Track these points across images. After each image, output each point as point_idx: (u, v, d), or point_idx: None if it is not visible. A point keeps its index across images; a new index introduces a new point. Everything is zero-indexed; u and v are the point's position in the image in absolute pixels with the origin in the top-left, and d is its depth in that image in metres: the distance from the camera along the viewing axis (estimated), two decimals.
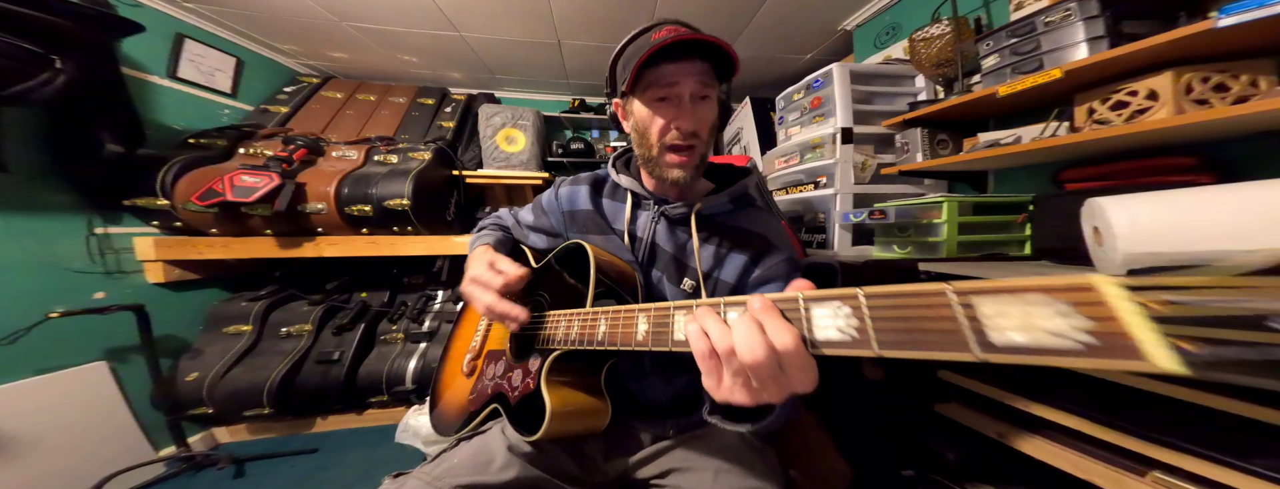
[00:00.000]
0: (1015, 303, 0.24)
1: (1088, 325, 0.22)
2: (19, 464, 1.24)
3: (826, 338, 0.32)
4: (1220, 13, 0.71)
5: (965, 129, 1.39)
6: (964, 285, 0.26)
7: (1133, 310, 0.21)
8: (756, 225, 0.74)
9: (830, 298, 0.32)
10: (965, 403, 1.01)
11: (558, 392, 0.60)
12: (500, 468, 0.64)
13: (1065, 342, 0.22)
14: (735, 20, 2.10)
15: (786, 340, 0.33)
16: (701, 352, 0.38)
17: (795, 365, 0.34)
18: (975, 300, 0.25)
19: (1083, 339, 0.22)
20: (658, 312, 0.45)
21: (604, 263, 0.66)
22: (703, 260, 0.71)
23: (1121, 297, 0.21)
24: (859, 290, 0.31)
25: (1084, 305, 0.22)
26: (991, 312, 0.25)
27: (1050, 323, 0.23)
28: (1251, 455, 0.61)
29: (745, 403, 0.38)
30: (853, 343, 0.30)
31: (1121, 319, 0.21)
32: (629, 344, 0.48)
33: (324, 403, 1.72)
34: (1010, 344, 0.24)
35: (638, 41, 0.64)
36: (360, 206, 1.72)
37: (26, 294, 1.34)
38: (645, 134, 0.66)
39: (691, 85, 0.62)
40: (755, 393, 0.37)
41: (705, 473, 0.65)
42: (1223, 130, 0.84)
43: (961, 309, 0.26)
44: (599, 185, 0.83)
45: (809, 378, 0.35)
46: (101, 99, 1.45)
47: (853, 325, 0.30)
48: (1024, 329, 0.23)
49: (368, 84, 2.68)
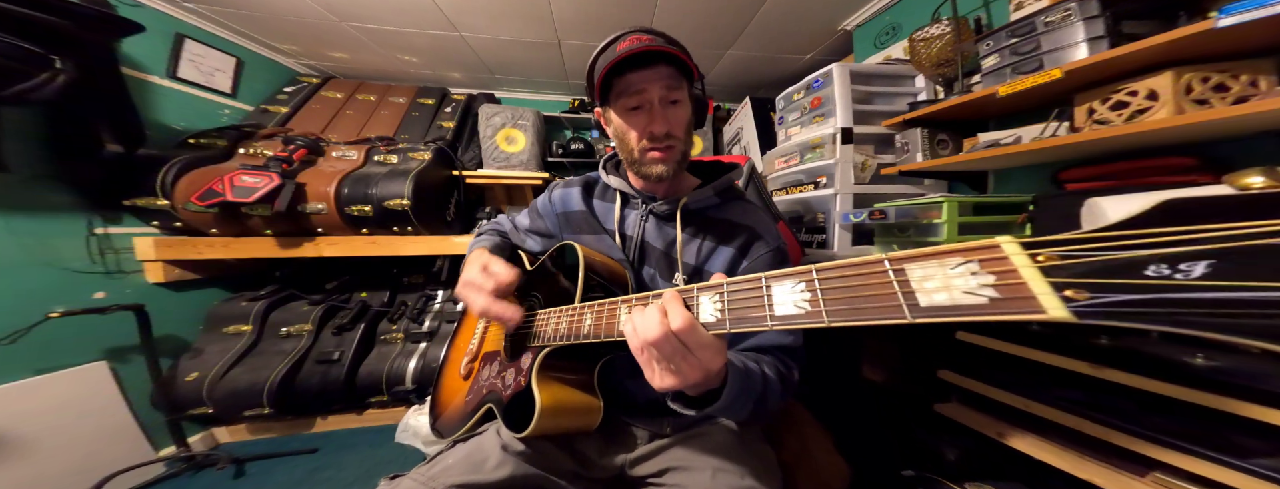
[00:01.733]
0: (937, 266, 0.26)
1: (992, 281, 0.23)
2: (19, 464, 1.24)
3: (784, 313, 0.34)
4: (1220, 13, 0.71)
5: (965, 129, 1.39)
6: (896, 254, 0.28)
7: (1026, 264, 0.22)
8: (743, 217, 0.75)
9: (790, 276, 0.34)
10: (965, 403, 1.01)
11: (548, 388, 0.61)
12: (494, 467, 0.64)
13: (976, 298, 0.24)
14: (735, 20, 2.09)
15: (680, 323, 0.39)
16: (633, 346, 0.44)
17: (697, 344, 0.40)
18: (906, 266, 0.27)
19: (989, 295, 0.23)
20: (638, 301, 0.49)
21: (593, 262, 0.67)
22: (691, 254, 0.72)
23: (1018, 253, 0.23)
24: (813, 267, 0.33)
25: (989, 262, 0.24)
26: (919, 276, 0.26)
27: (964, 281, 0.24)
28: (1251, 455, 0.61)
29: (674, 386, 0.44)
30: (806, 315, 0.32)
31: (1018, 273, 0.22)
32: (612, 335, 0.51)
33: (324, 403, 1.72)
34: (934, 305, 0.25)
35: (605, 52, 0.66)
36: (360, 206, 1.72)
37: (26, 294, 1.34)
38: (624, 140, 0.69)
39: (659, 90, 0.64)
40: (676, 374, 0.43)
41: (702, 472, 0.65)
42: (1223, 130, 0.84)
43: (894, 276, 0.28)
44: (590, 187, 0.85)
45: (713, 356, 0.42)
46: (101, 99, 1.45)
47: (806, 299, 0.32)
48: (945, 290, 0.25)
49: (368, 84, 2.68)
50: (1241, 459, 0.61)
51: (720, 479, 0.63)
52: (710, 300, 0.40)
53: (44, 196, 1.40)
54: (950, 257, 0.25)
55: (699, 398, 0.51)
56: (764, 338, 0.68)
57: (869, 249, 1.47)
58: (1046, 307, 0.21)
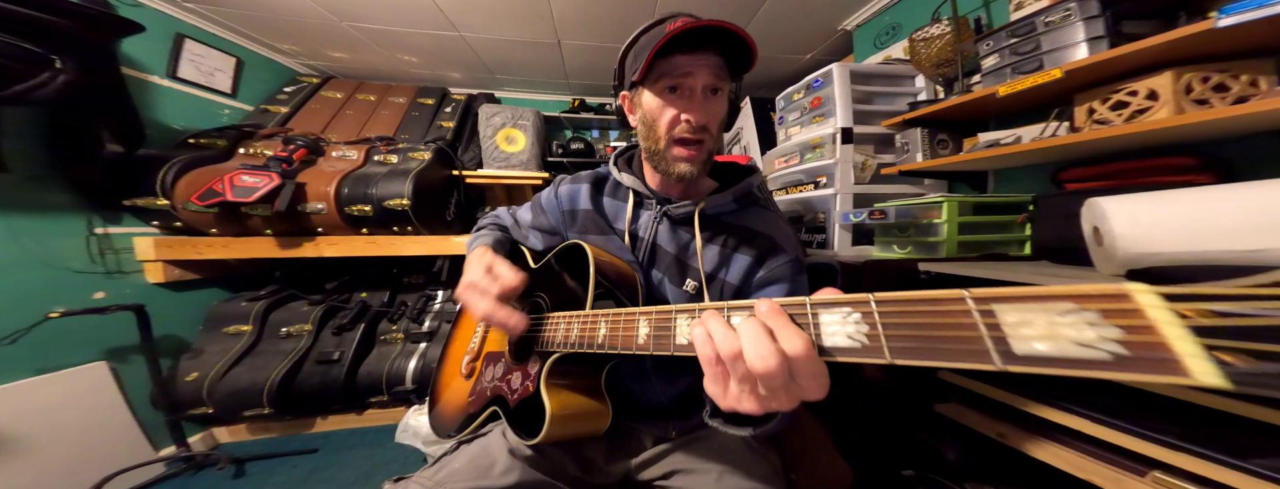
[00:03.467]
0: (1040, 311, 0.23)
1: (1119, 336, 0.21)
2: (19, 464, 1.24)
3: (835, 344, 0.31)
4: (1220, 13, 0.71)
5: (965, 129, 1.39)
6: (983, 292, 0.25)
7: (1170, 321, 0.20)
8: (762, 225, 0.72)
9: (840, 303, 0.31)
10: (965, 403, 1.01)
11: (558, 395, 0.59)
12: (502, 472, 0.63)
13: (1095, 352, 0.21)
14: (735, 20, 2.08)
15: (798, 347, 0.31)
16: (707, 357, 0.36)
17: (806, 372, 0.32)
18: (996, 308, 0.24)
19: (1113, 350, 0.21)
20: (660, 315, 0.44)
21: (603, 264, 0.65)
22: (707, 261, 0.69)
23: (1158, 306, 0.20)
24: (870, 296, 0.30)
25: (1115, 314, 0.21)
26: (1014, 320, 0.23)
27: (1078, 333, 0.22)
28: (1251, 455, 0.61)
29: (753, 411, 0.36)
30: (863, 350, 0.30)
31: (1158, 330, 0.20)
32: (630, 348, 0.47)
33: (324, 403, 1.72)
34: (1033, 354, 0.23)
35: (651, 32, 0.63)
36: (360, 206, 1.72)
37: (26, 294, 1.34)
38: (653, 126, 0.64)
39: (705, 77, 0.60)
40: (763, 400, 0.35)
41: (708, 475, 0.65)
42: (1223, 130, 0.84)
43: (981, 316, 0.25)
44: (600, 184, 0.81)
45: (820, 385, 0.33)
46: (101, 99, 1.45)
47: (863, 332, 0.30)
48: (1049, 339, 0.22)
49: (368, 84, 2.67)
50: (1241, 459, 0.61)
51: (726, 481, 0.63)
52: (837, 321, 0.33)
53: (44, 196, 1.40)
54: (1058, 301, 0.22)
55: (755, 417, 0.46)
56: None
57: (868, 249, 1.46)
58: (1196, 371, 0.19)
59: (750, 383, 0.35)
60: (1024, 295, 0.23)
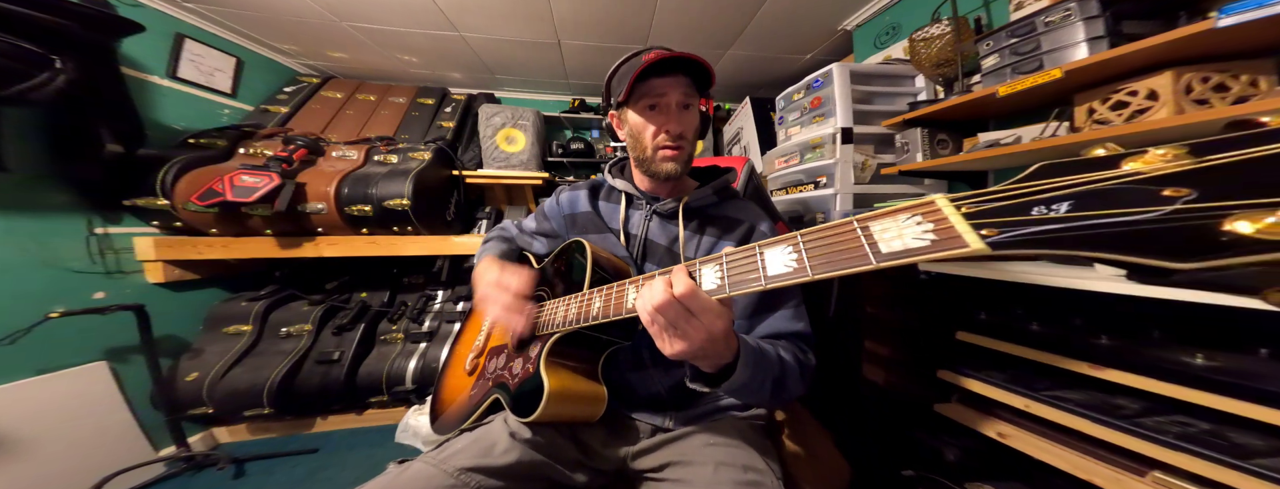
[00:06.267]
0: (892, 221, 0.33)
1: (931, 228, 0.31)
2: (19, 464, 1.24)
3: (776, 272, 0.40)
4: (1220, 13, 0.72)
5: (965, 129, 1.39)
6: (864, 216, 0.36)
7: (953, 214, 0.30)
8: (741, 213, 0.81)
9: (780, 241, 0.41)
10: (965, 403, 1.01)
11: (556, 374, 0.64)
12: (502, 451, 0.65)
13: (921, 242, 0.31)
14: (735, 20, 2.09)
15: (682, 288, 0.44)
16: (641, 310, 0.47)
17: (699, 308, 0.45)
18: (870, 224, 0.35)
19: (930, 238, 0.30)
20: (645, 279, 0.53)
21: (600, 257, 0.72)
22: (693, 248, 0.78)
23: (948, 206, 0.31)
24: (798, 232, 0.40)
25: (929, 216, 0.31)
26: (879, 230, 0.34)
27: (912, 230, 0.32)
28: (1251, 455, 0.61)
29: (683, 350, 0.47)
30: (794, 272, 0.38)
31: (948, 220, 0.30)
32: (620, 313, 0.54)
33: (324, 403, 1.72)
34: (892, 251, 0.32)
35: (630, 62, 0.74)
36: (360, 206, 1.72)
37: (26, 294, 1.34)
38: (640, 138, 0.74)
39: (678, 95, 0.72)
40: (683, 338, 0.46)
41: (704, 467, 0.66)
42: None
43: (862, 233, 0.35)
44: (597, 190, 0.91)
45: (715, 316, 0.45)
46: (101, 99, 1.45)
47: (793, 258, 0.39)
48: (899, 238, 0.32)
49: (368, 84, 2.67)
50: (1241, 459, 0.61)
51: (722, 474, 0.64)
52: (712, 270, 0.46)
53: (44, 196, 1.40)
54: (902, 213, 0.33)
55: (715, 374, 0.55)
56: (773, 324, 0.71)
57: None
58: (970, 242, 0.28)
59: (667, 326, 0.46)
60: (883, 213, 0.34)
